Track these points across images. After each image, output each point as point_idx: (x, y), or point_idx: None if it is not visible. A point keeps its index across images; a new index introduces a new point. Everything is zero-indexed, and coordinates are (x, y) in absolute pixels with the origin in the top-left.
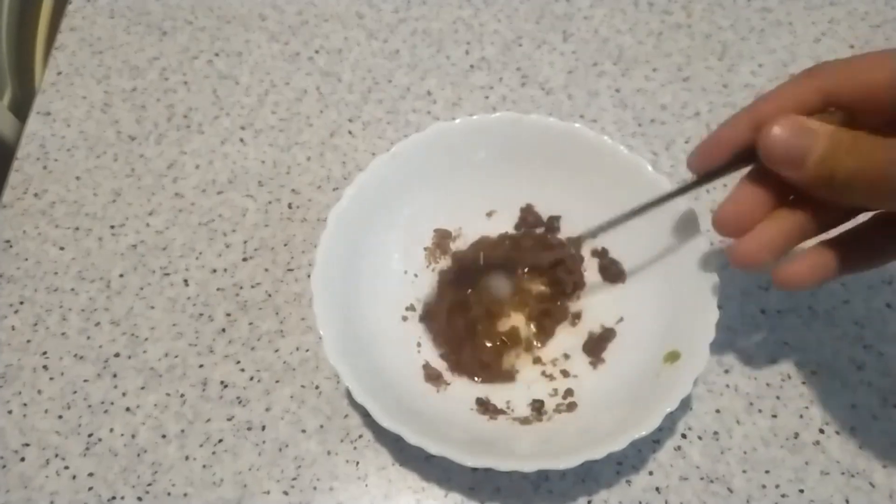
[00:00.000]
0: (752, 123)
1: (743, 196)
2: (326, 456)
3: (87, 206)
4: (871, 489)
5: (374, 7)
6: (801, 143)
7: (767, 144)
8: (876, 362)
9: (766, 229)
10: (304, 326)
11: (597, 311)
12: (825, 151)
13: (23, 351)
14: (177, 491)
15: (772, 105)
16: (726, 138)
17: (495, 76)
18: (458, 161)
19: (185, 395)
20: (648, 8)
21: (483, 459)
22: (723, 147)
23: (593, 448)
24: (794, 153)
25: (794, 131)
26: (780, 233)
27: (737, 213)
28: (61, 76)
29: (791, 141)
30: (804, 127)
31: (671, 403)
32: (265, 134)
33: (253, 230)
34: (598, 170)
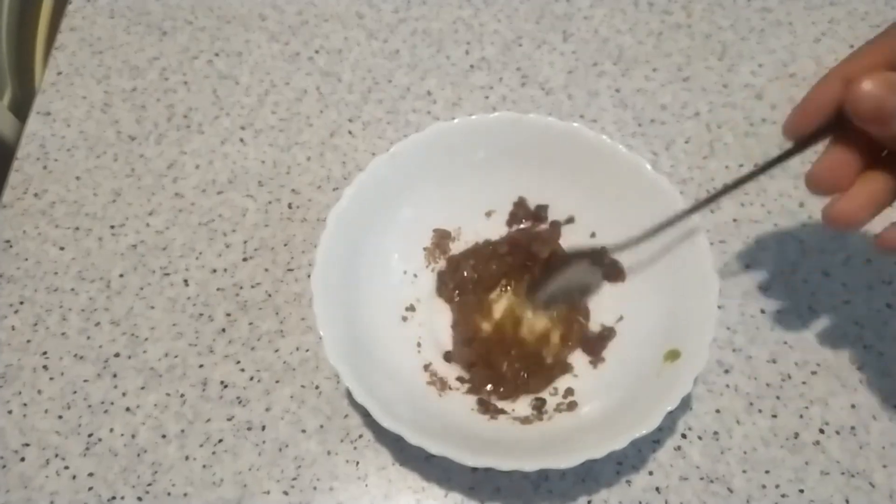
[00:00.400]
0: (843, 81)
1: (835, 154)
2: (326, 456)
3: (87, 206)
4: (871, 489)
5: (374, 7)
6: (891, 100)
7: (856, 101)
8: (876, 362)
9: (861, 189)
10: (304, 326)
11: (597, 311)
12: None
13: (23, 351)
14: (177, 491)
15: (862, 62)
16: (819, 99)
17: (495, 76)
18: (458, 161)
19: (185, 395)
20: (648, 8)
21: (484, 459)
22: (817, 108)
23: (594, 447)
24: (884, 110)
25: (884, 88)
26: (875, 192)
27: (830, 170)
28: (61, 76)
29: (880, 97)
30: (894, 83)
31: (672, 402)
32: (265, 134)
33: (253, 230)
34: (598, 169)
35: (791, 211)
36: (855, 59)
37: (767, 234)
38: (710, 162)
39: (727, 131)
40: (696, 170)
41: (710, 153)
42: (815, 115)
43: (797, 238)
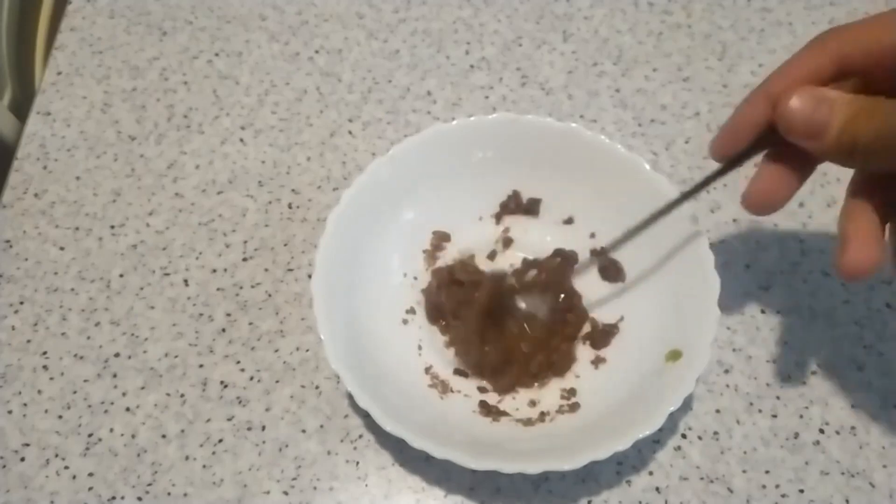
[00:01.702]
0: (769, 100)
1: (769, 173)
2: (326, 456)
3: (87, 206)
4: (871, 489)
5: (374, 7)
6: (820, 114)
7: (786, 118)
8: (876, 362)
9: (863, 232)
10: (304, 326)
11: (597, 311)
12: (845, 120)
13: (23, 351)
14: (177, 491)
15: (786, 78)
16: (745, 119)
17: (495, 76)
18: (457, 162)
19: (185, 395)
20: (648, 8)
21: (487, 462)
22: (743, 129)
23: (597, 448)
24: (814, 125)
25: (812, 103)
26: (876, 229)
27: (766, 190)
28: (61, 76)
29: (810, 113)
30: (822, 97)
31: (674, 402)
32: (265, 134)
33: (253, 230)
34: (597, 170)
35: (791, 211)
36: (779, 76)
37: (767, 234)
38: (710, 162)
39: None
40: (696, 170)
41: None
42: (741, 136)
43: (797, 238)
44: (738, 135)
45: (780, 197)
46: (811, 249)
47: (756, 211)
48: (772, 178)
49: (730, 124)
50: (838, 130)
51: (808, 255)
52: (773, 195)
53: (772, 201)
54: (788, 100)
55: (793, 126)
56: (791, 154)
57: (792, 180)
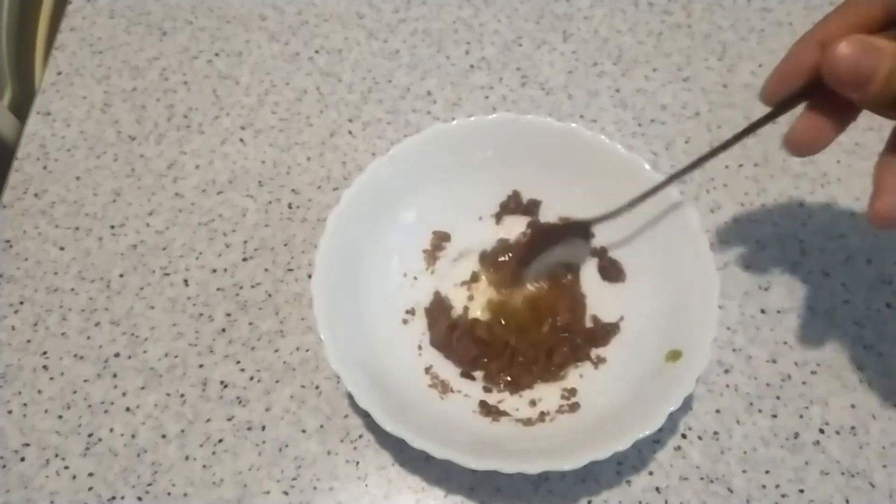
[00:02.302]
0: (818, 47)
1: (813, 116)
2: (326, 456)
3: (87, 206)
4: (871, 489)
5: (374, 7)
6: (867, 63)
7: (833, 65)
8: (876, 362)
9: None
10: (304, 326)
11: (597, 311)
12: (891, 69)
13: (23, 351)
14: (177, 491)
15: (836, 25)
16: (796, 63)
17: (495, 76)
18: (457, 162)
19: (185, 395)
20: (648, 8)
21: (487, 462)
22: (793, 73)
23: (597, 448)
24: (861, 73)
25: (860, 50)
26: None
27: (808, 132)
28: (61, 76)
29: (857, 61)
30: (870, 45)
31: (674, 402)
32: (265, 134)
33: (253, 230)
34: (597, 169)
35: (791, 211)
36: (829, 23)
37: (767, 234)
38: (710, 162)
39: (727, 131)
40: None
41: None
42: (791, 79)
43: (797, 238)
44: (788, 78)
45: (821, 141)
46: (811, 249)
47: (795, 152)
48: (814, 122)
49: (780, 68)
50: (884, 80)
51: (808, 255)
52: (814, 138)
53: (813, 144)
54: (836, 46)
55: (839, 73)
56: (835, 103)
57: (834, 125)
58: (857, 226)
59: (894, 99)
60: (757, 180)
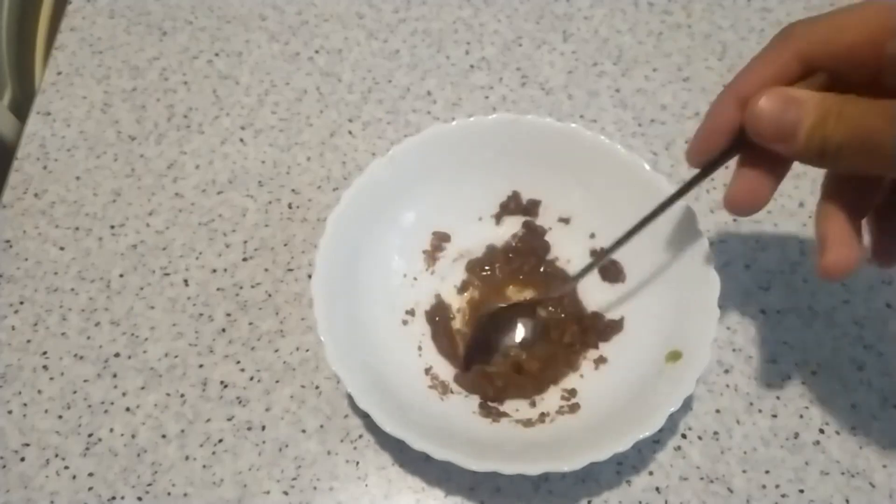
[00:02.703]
0: (738, 103)
1: (745, 175)
2: (326, 456)
3: (87, 206)
4: (871, 489)
5: (374, 7)
6: (789, 116)
7: (754, 121)
8: (876, 362)
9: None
10: (304, 326)
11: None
12: (815, 121)
13: (23, 351)
14: (177, 491)
15: (752, 80)
16: (717, 123)
17: (495, 76)
18: (456, 163)
19: (185, 395)
20: (648, 8)
21: (488, 464)
22: (716, 133)
23: (597, 449)
24: (784, 127)
25: (781, 104)
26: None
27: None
28: (61, 76)
29: (778, 115)
30: (791, 98)
31: (674, 403)
32: (265, 134)
33: (253, 230)
34: (597, 170)
35: (791, 211)
36: (746, 76)
37: (767, 234)
38: None
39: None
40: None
41: None
42: (715, 141)
43: (797, 238)
44: (711, 140)
45: (760, 198)
46: (811, 249)
47: (738, 213)
48: (749, 181)
49: (702, 130)
50: (808, 132)
51: (808, 255)
52: (752, 197)
53: (752, 203)
54: (756, 102)
55: (762, 129)
56: (765, 155)
57: (769, 181)
58: None
59: (820, 151)
60: None
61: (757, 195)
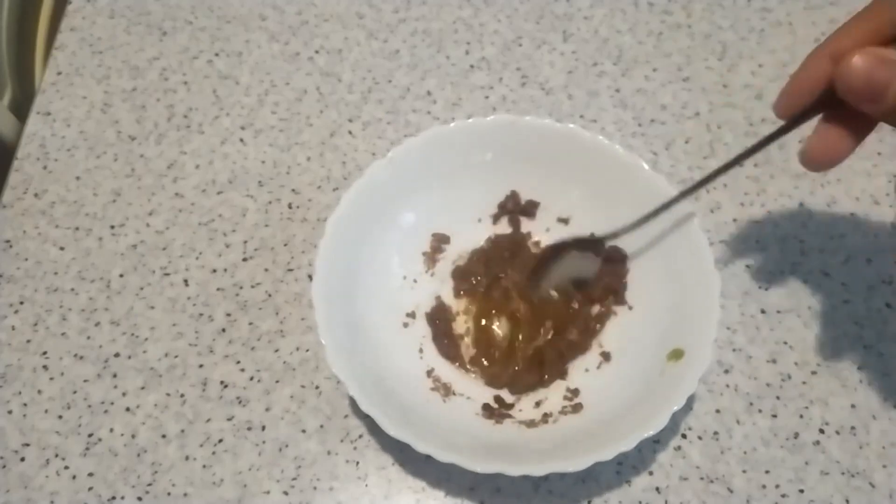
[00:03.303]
0: (830, 60)
1: (827, 130)
2: (326, 456)
3: (87, 206)
4: (871, 489)
5: (374, 7)
6: (881, 76)
7: (846, 79)
8: (876, 362)
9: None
10: (304, 326)
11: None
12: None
13: (23, 351)
14: (177, 491)
15: (848, 38)
16: (808, 77)
17: (495, 76)
18: (455, 164)
19: (185, 395)
20: (648, 8)
21: (492, 465)
22: (805, 87)
23: (601, 449)
24: (874, 86)
25: (874, 64)
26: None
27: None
28: (61, 76)
29: (870, 74)
30: (883, 58)
31: (678, 402)
32: (265, 134)
33: (253, 230)
34: (596, 170)
35: (791, 211)
36: (841, 35)
37: (767, 234)
38: (710, 162)
39: (727, 131)
40: (697, 170)
41: (710, 153)
42: (804, 93)
43: (797, 238)
44: (800, 92)
45: (837, 155)
46: (811, 249)
47: (812, 168)
48: (829, 136)
49: (792, 82)
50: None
51: (808, 255)
52: (829, 153)
53: (828, 159)
54: (849, 60)
55: (853, 87)
56: (850, 114)
57: (849, 139)
58: (857, 226)
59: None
60: (757, 180)
61: (835, 151)
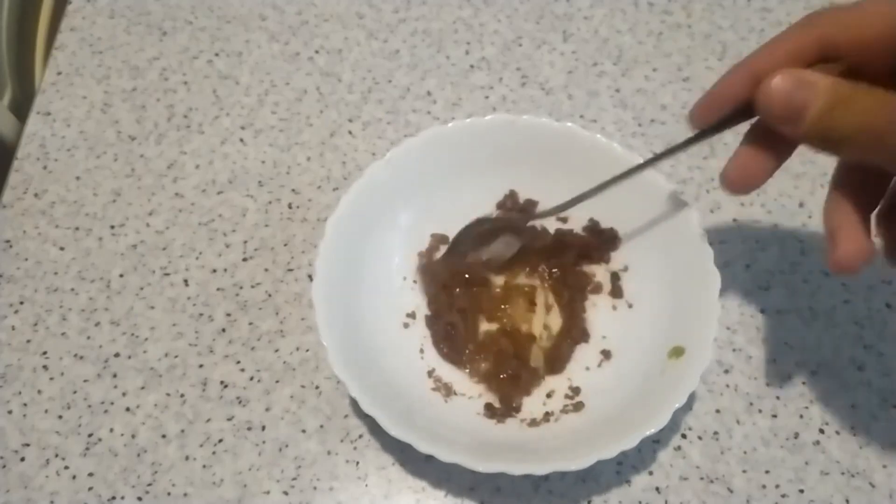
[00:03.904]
0: (751, 77)
1: (747, 152)
2: (326, 456)
3: (87, 206)
4: (871, 489)
5: (374, 7)
6: (801, 97)
7: (765, 100)
8: (876, 362)
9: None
10: (304, 326)
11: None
12: (824, 106)
13: (23, 351)
14: (177, 491)
15: (770, 57)
16: (725, 93)
17: (495, 76)
18: (454, 164)
19: (185, 395)
20: (648, 8)
21: (495, 465)
22: (722, 102)
23: (604, 447)
24: (793, 108)
25: (794, 85)
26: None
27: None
28: (61, 76)
29: (790, 95)
30: (804, 80)
31: (679, 399)
32: (265, 134)
33: (253, 230)
34: (594, 169)
35: (791, 211)
36: (764, 53)
37: (767, 234)
38: (711, 162)
39: (727, 131)
40: (696, 170)
41: (710, 153)
42: (721, 106)
43: (797, 238)
44: (717, 105)
45: (758, 177)
46: (811, 249)
47: (733, 190)
48: (749, 158)
49: (711, 93)
50: (815, 116)
51: (808, 255)
52: (750, 175)
53: (749, 181)
54: (770, 79)
55: (772, 107)
56: (770, 135)
57: (770, 161)
58: None
59: (826, 137)
60: None
61: (753, 174)
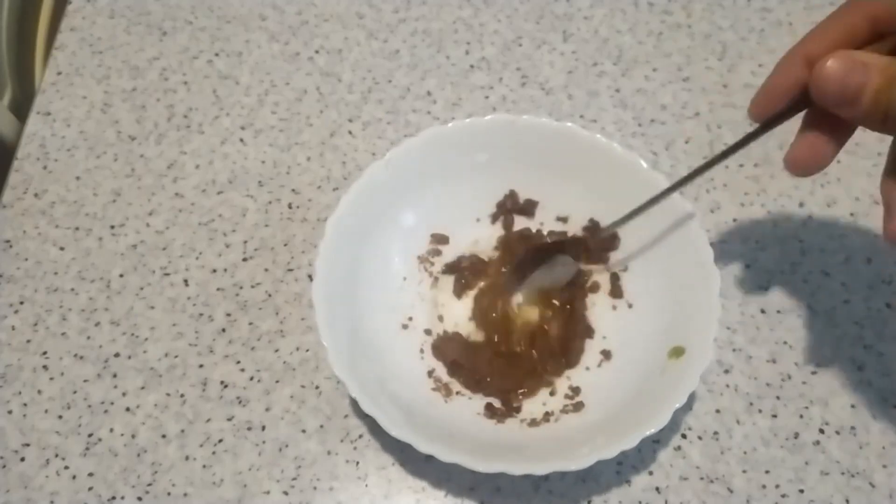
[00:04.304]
0: (804, 63)
1: (807, 137)
2: (326, 456)
3: (87, 206)
4: (871, 489)
5: (374, 7)
6: (855, 80)
7: (820, 83)
8: (876, 362)
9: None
10: (304, 326)
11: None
12: (880, 86)
13: (23, 351)
14: (177, 491)
15: (821, 40)
16: (782, 81)
17: (495, 76)
18: (453, 164)
19: (185, 395)
20: (648, 8)
21: (495, 465)
22: (778, 91)
23: (604, 447)
24: (848, 90)
25: (847, 67)
26: None
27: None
28: (61, 76)
29: (844, 78)
30: (856, 62)
31: (680, 399)
32: (265, 134)
33: (253, 230)
34: (594, 168)
35: (791, 211)
36: (814, 37)
37: (767, 234)
38: None
39: (727, 131)
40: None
41: (710, 153)
42: (778, 97)
43: (797, 238)
44: (774, 96)
45: (820, 160)
46: (811, 249)
47: (799, 173)
48: (811, 142)
49: (766, 86)
50: (872, 97)
51: (808, 255)
52: (812, 159)
53: (812, 164)
54: (823, 64)
55: (827, 91)
56: (828, 118)
57: (830, 143)
58: (857, 226)
59: (883, 116)
60: (757, 180)
61: (818, 157)
